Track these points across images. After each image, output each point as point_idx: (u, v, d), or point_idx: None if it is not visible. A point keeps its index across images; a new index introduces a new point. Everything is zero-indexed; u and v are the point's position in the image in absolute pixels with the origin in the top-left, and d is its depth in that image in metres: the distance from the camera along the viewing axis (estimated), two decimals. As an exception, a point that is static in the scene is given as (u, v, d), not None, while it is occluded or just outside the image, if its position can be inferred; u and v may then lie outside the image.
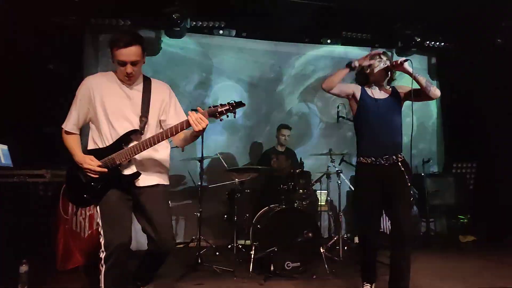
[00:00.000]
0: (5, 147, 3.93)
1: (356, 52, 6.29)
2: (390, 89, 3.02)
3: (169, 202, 2.51)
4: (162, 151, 2.45)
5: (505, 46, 5.32)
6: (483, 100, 6.34)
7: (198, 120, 2.12)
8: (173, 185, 5.47)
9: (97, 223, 2.34)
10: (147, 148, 2.26)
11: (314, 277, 3.72)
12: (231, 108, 2.15)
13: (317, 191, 4.92)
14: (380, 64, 2.92)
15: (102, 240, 2.27)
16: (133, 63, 2.25)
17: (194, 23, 5.28)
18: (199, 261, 4.00)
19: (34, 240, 3.82)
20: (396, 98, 2.97)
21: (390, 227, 2.96)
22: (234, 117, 2.21)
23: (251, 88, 6.00)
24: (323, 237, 4.77)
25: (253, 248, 3.86)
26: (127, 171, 2.32)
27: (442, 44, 6.09)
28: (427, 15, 5.47)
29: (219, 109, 2.14)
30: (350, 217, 5.84)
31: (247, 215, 4.35)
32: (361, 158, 2.91)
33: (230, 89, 5.89)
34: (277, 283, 3.57)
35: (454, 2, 5.04)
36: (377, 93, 2.97)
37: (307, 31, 5.97)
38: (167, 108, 2.45)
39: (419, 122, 6.57)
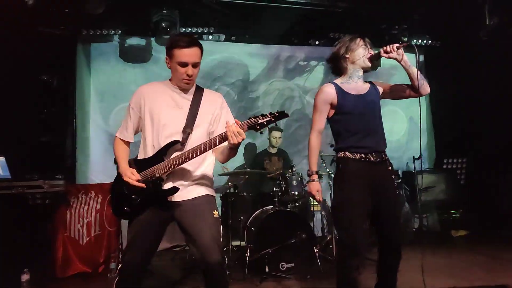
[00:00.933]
0: (2, 158, 3.99)
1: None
2: (368, 84, 2.69)
3: (215, 212, 2.26)
4: (206, 163, 2.32)
5: (490, 42, 5.41)
6: (471, 96, 6.48)
7: (235, 134, 1.98)
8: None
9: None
10: (187, 161, 2.12)
11: (309, 277, 3.81)
12: (272, 119, 1.99)
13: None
14: (364, 51, 2.56)
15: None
16: (194, 65, 2.18)
17: (184, 29, 5.35)
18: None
19: (34, 249, 3.92)
20: (376, 94, 2.67)
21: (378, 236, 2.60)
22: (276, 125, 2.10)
23: (241, 91, 6.09)
24: (316, 237, 4.86)
25: (248, 250, 3.95)
26: (166, 186, 2.19)
27: (430, 42, 6.18)
28: (413, 14, 5.57)
29: (260, 121, 1.98)
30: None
31: (242, 217, 4.44)
32: (347, 154, 2.56)
33: (223, 94, 5.97)
34: (272, 284, 3.67)
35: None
36: (354, 87, 2.61)
37: (295, 33, 6.05)
38: (218, 119, 2.31)
39: (409, 118, 6.69)
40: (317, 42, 6.10)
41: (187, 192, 2.23)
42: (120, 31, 5.21)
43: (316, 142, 2.65)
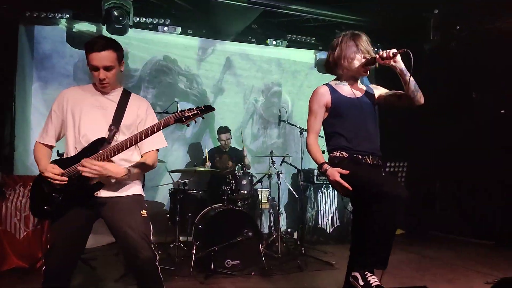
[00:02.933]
0: None
1: (300, 54, 6.55)
2: (364, 87, 2.60)
3: (143, 211, 2.25)
4: (134, 161, 2.30)
5: (434, 55, 5.79)
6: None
7: (87, 170, 2.06)
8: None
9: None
10: (112, 156, 2.12)
11: (253, 274, 3.90)
12: (199, 113, 2.01)
13: (259, 189, 5.11)
14: (360, 58, 2.44)
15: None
16: (107, 68, 2.17)
17: (138, 19, 5.18)
18: (140, 260, 4.02)
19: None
20: (372, 97, 2.56)
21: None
22: (203, 118, 2.10)
23: (195, 86, 6.02)
24: (263, 234, 4.97)
25: (194, 247, 3.96)
26: (91, 182, 2.16)
27: (381, 50, 6.45)
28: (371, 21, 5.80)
29: (186, 114, 2.00)
30: (291, 212, 6.12)
31: (190, 214, 4.43)
32: (343, 153, 2.42)
33: (173, 87, 5.88)
34: (217, 281, 3.70)
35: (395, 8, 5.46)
36: (349, 90, 2.50)
37: (253, 32, 6.08)
38: (142, 124, 2.32)
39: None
40: (274, 42, 6.16)
41: (114, 188, 2.22)
42: (67, 15, 4.93)
43: (315, 143, 2.49)
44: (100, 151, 2.14)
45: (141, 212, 2.25)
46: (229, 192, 4.34)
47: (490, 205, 5.57)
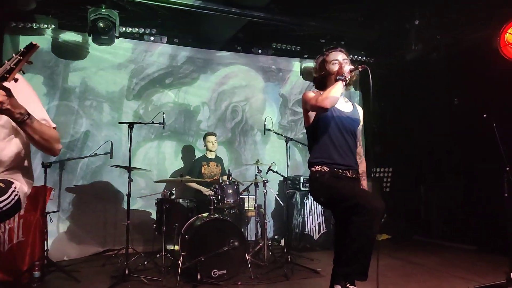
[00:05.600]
0: None
1: (284, 63, 6.63)
2: (351, 106, 2.77)
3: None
4: (14, 146, 1.93)
5: (415, 64, 5.93)
6: (398, 111, 7.03)
7: None
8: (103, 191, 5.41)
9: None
10: None
11: (240, 283, 3.91)
12: (20, 58, 1.65)
13: (245, 197, 5.14)
14: (348, 67, 2.62)
15: None
16: None
17: (124, 28, 5.20)
18: (127, 272, 4.02)
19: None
20: (358, 115, 2.74)
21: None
22: (31, 63, 1.71)
23: (182, 95, 6.04)
24: (250, 243, 5.00)
25: (181, 257, 3.97)
26: None
27: (364, 58, 6.58)
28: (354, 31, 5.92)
29: (10, 64, 1.65)
30: (278, 219, 6.17)
31: (176, 224, 4.44)
32: (325, 167, 2.54)
33: (161, 96, 5.89)
34: (202, 291, 3.73)
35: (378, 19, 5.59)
36: (339, 104, 2.63)
37: (239, 41, 6.14)
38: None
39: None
40: (260, 51, 6.23)
41: None
42: (53, 26, 4.91)
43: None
44: None
45: None
46: (215, 201, 4.37)
47: (472, 210, 5.69)
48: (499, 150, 3.69)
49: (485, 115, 3.76)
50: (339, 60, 2.65)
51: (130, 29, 5.29)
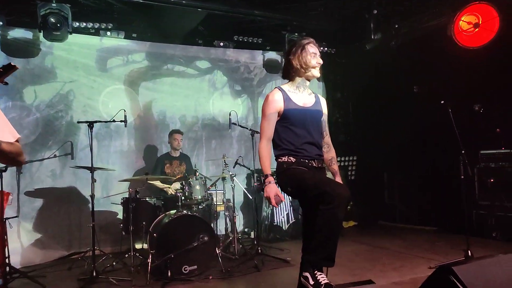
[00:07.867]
0: None
1: (246, 56, 6.60)
2: (315, 97, 2.75)
3: None
4: None
5: (375, 53, 6.06)
6: (360, 100, 7.20)
7: None
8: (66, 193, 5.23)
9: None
10: None
11: (211, 277, 3.91)
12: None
13: (213, 192, 5.12)
14: (314, 61, 2.59)
15: None
16: None
17: (78, 23, 4.99)
18: (94, 273, 3.92)
19: None
20: (320, 106, 2.75)
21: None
22: (6, 83, 1.69)
23: (144, 91, 5.90)
24: (220, 237, 4.99)
25: (150, 256, 3.91)
26: None
27: (326, 49, 6.67)
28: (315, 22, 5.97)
29: None
30: (247, 212, 6.19)
31: (144, 222, 4.35)
32: (291, 158, 2.58)
33: (121, 93, 5.72)
34: (174, 288, 3.69)
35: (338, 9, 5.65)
36: (301, 98, 2.65)
37: (200, 34, 6.06)
38: None
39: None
40: (221, 44, 6.17)
41: None
42: (1, 23, 4.64)
43: (266, 149, 2.62)
44: None
45: None
46: (183, 198, 4.32)
47: (432, 193, 5.94)
48: (455, 135, 3.86)
49: (442, 102, 3.92)
50: (318, 60, 2.62)
51: (85, 24, 5.08)
